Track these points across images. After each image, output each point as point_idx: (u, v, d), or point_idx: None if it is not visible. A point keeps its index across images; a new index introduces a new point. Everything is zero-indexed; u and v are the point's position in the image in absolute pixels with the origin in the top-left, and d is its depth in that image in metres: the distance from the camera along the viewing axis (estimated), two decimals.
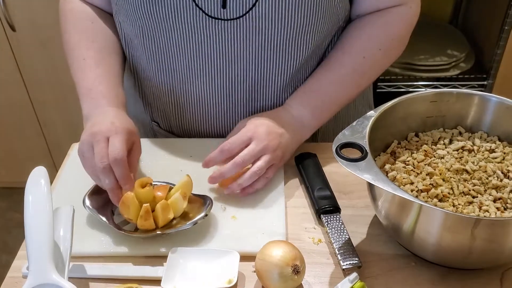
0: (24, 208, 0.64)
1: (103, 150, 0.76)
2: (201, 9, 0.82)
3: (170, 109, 0.98)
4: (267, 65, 0.88)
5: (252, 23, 0.82)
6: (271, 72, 0.89)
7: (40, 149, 2.10)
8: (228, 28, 0.83)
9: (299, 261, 0.68)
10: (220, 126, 0.97)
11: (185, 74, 0.90)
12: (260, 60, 0.87)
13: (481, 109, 0.80)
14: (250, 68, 0.88)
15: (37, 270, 0.61)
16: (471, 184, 0.73)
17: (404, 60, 1.80)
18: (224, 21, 0.83)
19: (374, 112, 0.75)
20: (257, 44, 0.85)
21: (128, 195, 0.74)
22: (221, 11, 0.82)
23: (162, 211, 0.75)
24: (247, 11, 0.81)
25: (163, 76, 0.92)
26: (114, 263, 0.75)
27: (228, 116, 0.95)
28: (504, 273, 0.72)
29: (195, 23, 0.83)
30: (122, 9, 0.87)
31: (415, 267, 0.73)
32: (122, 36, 0.94)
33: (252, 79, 0.89)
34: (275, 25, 0.83)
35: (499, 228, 0.62)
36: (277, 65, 0.88)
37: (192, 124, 0.98)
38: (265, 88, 0.91)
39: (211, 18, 0.82)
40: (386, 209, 0.71)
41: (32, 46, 1.81)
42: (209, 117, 0.96)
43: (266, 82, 0.90)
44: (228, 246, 0.75)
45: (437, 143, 0.81)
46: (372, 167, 0.66)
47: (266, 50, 0.86)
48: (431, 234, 0.66)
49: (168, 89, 0.94)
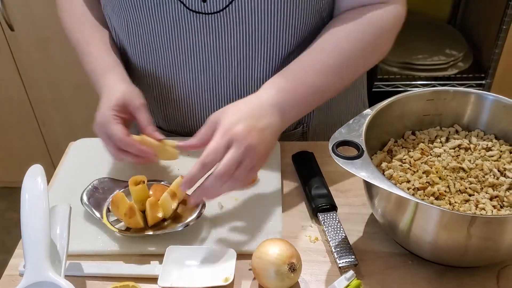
0: (21, 206, 0.64)
1: (110, 144, 0.82)
2: (182, 2, 0.82)
3: (157, 104, 0.98)
4: (250, 58, 0.87)
5: (232, 16, 0.83)
6: (254, 66, 0.88)
7: (39, 148, 2.10)
8: (209, 22, 0.84)
9: (295, 259, 0.68)
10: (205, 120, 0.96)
11: (169, 68, 0.90)
12: (243, 54, 0.87)
13: (478, 108, 0.80)
14: (233, 62, 0.88)
15: (34, 268, 0.61)
16: (467, 182, 0.73)
17: (402, 60, 1.80)
18: (204, 15, 0.83)
19: (370, 110, 0.75)
20: (239, 38, 0.85)
21: (118, 194, 0.75)
22: (202, 5, 0.82)
23: (151, 209, 0.75)
24: (226, 5, 0.82)
25: (148, 70, 0.92)
26: (111, 261, 0.75)
27: (213, 110, 0.93)
28: (501, 271, 0.72)
29: (176, 17, 0.84)
30: (109, 3, 0.88)
31: (411, 266, 0.73)
32: (112, 30, 0.94)
33: (235, 73, 0.89)
34: (254, 19, 0.83)
35: (495, 226, 0.62)
36: (259, 59, 0.87)
37: (178, 120, 0.98)
38: (249, 81, 0.90)
39: (192, 12, 0.83)
40: (382, 207, 0.71)
41: (30, 45, 1.81)
42: (194, 111, 0.96)
43: (250, 76, 0.90)
44: (225, 244, 0.75)
45: (434, 142, 0.81)
46: (368, 165, 0.66)
47: (248, 44, 0.86)
48: (427, 232, 0.66)
49: (153, 83, 0.94)
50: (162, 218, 0.77)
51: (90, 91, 1.99)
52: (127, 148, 0.80)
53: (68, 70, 1.86)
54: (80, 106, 1.97)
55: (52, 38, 1.79)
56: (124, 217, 0.75)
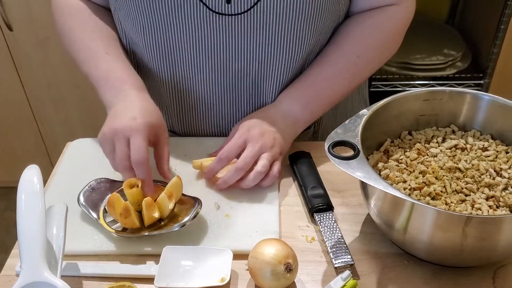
0: (17, 206, 0.64)
1: (123, 151, 0.77)
2: (205, 4, 0.82)
3: (173, 108, 0.97)
4: (270, 58, 0.88)
5: (256, 17, 0.83)
6: (274, 66, 0.89)
7: (38, 148, 2.10)
8: (232, 23, 0.83)
9: (291, 259, 0.68)
10: (223, 124, 0.97)
11: (188, 70, 0.90)
12: (264, 54, 0.87)
13: (474, 108, 0.80)
14: (253, 63, 0.88)
15: (29, 268, 0.61)
16: (463, 182, 0.73)
17: (401, 59, 1.80)
18: (228, 16, 0.83)
19: (367, 110, 0.75)
20: (261, 38, 0.85)
21: (113, 195, 0.75)
22: (226, 6, 0.82)
23: (147, 209, 0.75)
24: (251, 6, 0.81)
25: (165, 73, 0.92)
26: (107, 262, 0.75)
27: (231, 113, 0.95)
28: (497, 271, 0.72)
29: (199, 19, 0.83)
30: (123, 6, 0.87)
31: (407, 265, 0.73)
32: (123, 34, 0.93)
33: (254, 74, 0.90)
34: (278, 20, 0.83)
35: (490, 226, 0.63)
36: (280, 58, 0.88)
37: (195, 122, 0.98)
38: (267, 83, 0.91)
39: (215, 14, 0.82)
40: (378, 207, 0.71)
41: (29, 45, 1.81)
42: (212, 115, 0.96)
43: (269, 77, 0.90)
44: (221, 245, 0.75)
45: (430, 142, 0.81)
46: (364, 165, 0.66)
47: (269, 44, 0.86)
48: (423, 232, 0.66)
49: (170, 86, 0.94)
50: (159, 218, 0.77)
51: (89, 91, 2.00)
52: (138, 166, 0.76)
53: (67, 70, 1.86)
54: (79, 106, 1.97)
55: (51, 38, 1.79)
56: (119, 217, 0.75)
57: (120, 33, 0.94)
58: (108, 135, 0.78)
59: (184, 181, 0.80)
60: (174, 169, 0.89)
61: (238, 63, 0.88)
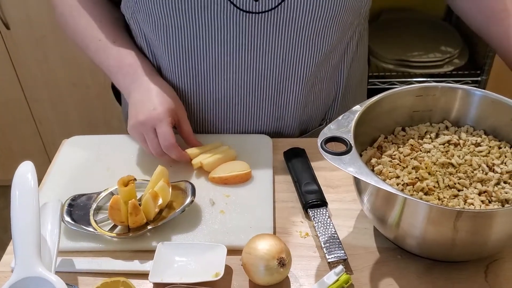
0: (11, 202, 0.65)
1: (154, 141, 0.85)
2: (233, 3, 0.82)
3: (193, 109, 0.97)
4: (294, 57, 0.89)
5: (282, 15, 0.83)
6: (297, 64, 0.90)
7: (36, 147, 2.11)
8: (258, 21, 0.84)
9: (285, 254, 0.69)
10: (245, 123, 0.98)
11: (211, 70, 0.90)
12: (288, 52, 0.88)
13: (466, 103, 0.80)
14: (277, 61, 0.89)
15: (23, 263, 0.62)
16: (456, 178, 0.74)
17: (398, 57, 1.80)
18: (255, 14, 0.83)
19: (360, 106, 0.75)
20: (287, 36, 0.86)
21: (115, 198, 0.74)
22: (253, 4, 0.82)
23: (153, 200, 0.76)
24: (279, 2, 0.82)
25: (186, 76, 0.92)
26: (102, 257, 0.75)
27: (254, 112, 0.96)
28: (489, 265, 0.73)
29: (225, 17, 0.83)
30: (142, 9, 0.86)
31: (401, 260, 0.74)
32: (142, 37, 0.93)
33: (278, 72, 0.90)
34: (304, 17, 0.84)
35: (481, 220, 0.63)
36: (303, 57, 0.89)
37: (215, 123, 0.99)
38: (289, 81, 0.92)
39: (243, 12, 0.82)
40: (371, 202, 0.71)
41: (26, 44, 1.81)
42: (233, 115, 0.96)
43: (292, 74, 0.91)
44: (216, 240, 0.76)
45: (424, 137, 0.81)
46: (356, 161, 0.66)
47: (294, 41, 0.87)
48: (415, 227, 0.66)
49: (191, 89, 0.94)
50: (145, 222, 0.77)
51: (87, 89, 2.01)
52: (169, 150, 0.85)
53: (65, 69, 1.86)
54: (77, 104, 1.97)
55: (49, 37, 1.79)
56: (130, 217, 0.75)
57: (138, 36, 0.94)
58: (137, 128, 0.86)
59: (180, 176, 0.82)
60: (169, 166, 0.90)
61: (262, 61, 0.88)
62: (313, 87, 0.95)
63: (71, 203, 0.80)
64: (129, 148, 0.94)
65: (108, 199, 0.81)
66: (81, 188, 0.84)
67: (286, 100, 0.95)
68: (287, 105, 0.95)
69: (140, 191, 0.82)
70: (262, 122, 0.98)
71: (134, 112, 0.86)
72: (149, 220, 0.77)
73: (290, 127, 0.99)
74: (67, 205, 0.80)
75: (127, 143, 0.95)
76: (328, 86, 0.98)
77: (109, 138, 0.97)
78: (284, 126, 0.99)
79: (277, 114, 0.97)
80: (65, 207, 0.79)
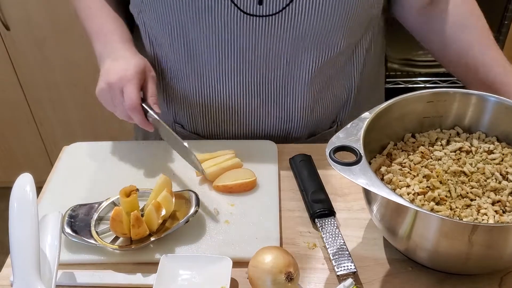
0: (9, 215, 0.63)
1: (120, 104, 0.83)
2: (237, 5, 0.81)
3: (198, 109, 0.97)
4: (298, 61, 0.88)
5: (287, 19, 0.82)
6: (301, 68, 0.89)
7: (37, 148, 2.09)
8: (262, 25, 0.83)
9: (292, 268, 0.66)
10: (249, 126, 0.97)
11: (216, 72, 0.89)
12: (293, 55, 0.87)
13: (480, 109, 0.78)
14: (281, 64, 0.88)
15: (22, 280, 0.59)
16: (469, 187, 0.71)
17: (403, 56, 1.77)
18: (259, 18, 0.82)
19: (369, 113, 0.73)
20: (291, 39, 0.84)
21: (117, 210, 0.72)
22: (257, 7, 0.81)
23: (156, 211, 0.74)
24: (284, 6, 0.81)
25: (191, 75, 0.91)
26: (104, 270, 0.73)
27: (258, 115, 0.95)
28: (503, 278, 0.71)
29: (229, 20, 0.82)
30: (150, 8, 0.87)
31: (412, 272, 0.72)
32: (146, 36, 0.93)
33: (282, 75, 0.89)
34: (309, 21, 0.82)
35: (497, 234, 0.61)
36: (307, 61, 0.88)
37: (220, 124, 0.98)
38: (294, 84, 0.91)
39: (247, 15, 0.82)
40: (381, 214, 0.69)
41: (27, 45, 1.79)
42: (238, 116, 0.96)
43: (296, 77, 0.90)
44: (221, 252, 0.74)
45: (434, 144, 0.79)
46: (366, 171, 0.64)
47: (299, 45, 0.85)
48: (427, 239, 0.64)
49: (196, 88, 0.93)
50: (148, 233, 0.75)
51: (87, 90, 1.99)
52: (132, 111, 0.82)
53: (65, 70, 1.85)
54: (78, 105, 1.96)
55: (49, 38, 1.77)
56: (132, 229, 0.73)
57: (143, 35, 0.94)
58: (105, 89, 0.83)
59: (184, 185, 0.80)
60: (172, 173, 0.87)
61: (266, 64, 0.88)
62: (321, 90, 0.94)
63: (71, 213, 0.78)
64: (131, 156, 0.92)
65: (110, 209, 0.79)
66: (82, 197, 0.82)
67: (292, 103, 0.94)
68: (294, 108, 0.94)
69: (143, 200, 0.80)
70: (268, 124, 0.97)
71: (105, 75, 0.84)
72: (152, 231, 0.75)
73: (298, 129, 0.98)
74: (67, 216, 0.77)
75: (129, 150, 0.93)
76: (337, 89, 0.97)
77: (111, 145, 0.95)
78: (292, 129, 0.98)
79: (283, 117, 0.96)
80: (66, 218, 0.77)
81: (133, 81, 0.82)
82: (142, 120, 0.83)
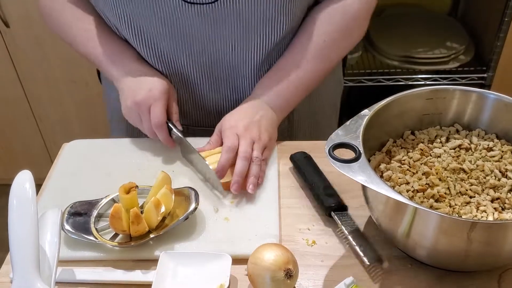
0: (8, 213, 0.63)
1: (148, 120, 0.87)
2: None
3: None
4: (243, 45, 0.91)
5: (227, 6, 0.85)
6: (247, 52, 0.92)
7: (37, 145, 2.09)
8: (203, 12, 0.86)
9: (291, 265, 0.66)
10: (205, 106, 1.01)
11: (170, 55, 0.93)
12: (237, 40, 0.90)
13: (479, 107, 0.78)
14: (227, 47, 0.91)
15: (21, 278, 0.59)
16: (468, 184, 0.71)
17: (403, 53, 1.77)
18: (201, 5, 0.85)
19: (368, 110, 0.73)
20: (233, 26, 0.87)
21: (117, 207, 0.72)
22: None
23: (156, 208, 0.74)
24: None
25: (151, 60, 0.94)
26: (104, 267, 0.73)
27: (211, 97, 0.99)
28: (502, 274, 0.71)
29: (172, 8, 0.86)
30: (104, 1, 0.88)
31: (411, 269, 0.72)
32: (111, 25, 0.94)
33: (230, 59, 0.93)
34: (249, 9, 0.85)
35: (496, 231, 0.61)
36: (252, 45, 0.91)
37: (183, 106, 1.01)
38: (242, 66, 0.94)
39: (189, 4, 0.85)
40: (380, 211, 0.69)
41: (26, 42, 1.79)
42: (195, 97, 0.99)
43: (243, 61, 0.93)
44: (220, 249, 0.74)
45: (434, 141, 0.79)
46: (365, 169, 0.64)
47: (241, 32, 0.88)
48: (426, 237, 0.64)
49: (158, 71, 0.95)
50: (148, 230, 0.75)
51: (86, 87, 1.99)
52: (158, 129, 0.87)
53: (65, 67, 1.84)
54: (77, 102, 1.95)
55: (49, 35, 1.76)
56: (131, 225, 0.73)
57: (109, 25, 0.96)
58: (133, 108, 0.87)
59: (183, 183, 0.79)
60: (172, 170, 0.87)
61: (213, 47, 0.91)
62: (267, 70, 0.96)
63: (71, 210, 0.78)
64: (131, 153, 0.92)
65: (109, 206, 0.79)
66: (82, 194, 0.82)
67: (241, 84, 0.97)
68: (244, 90, 0.98)
69: (142, 197, 0.80)
70: (223, 105, 1.01)
71: (131, 94, 0.87)
72: (151, 228, 0.75)
73: None
74: (67, 213, 0.77)
75: (128, 147, 0.94)
76: None
77: (110, 142, 0.95)
78: None
79: (237, 99, 0.99)
80: (65, 215, 0.77)
81: (159, 100, 0.87)
82: (166, 137, 0.88)
